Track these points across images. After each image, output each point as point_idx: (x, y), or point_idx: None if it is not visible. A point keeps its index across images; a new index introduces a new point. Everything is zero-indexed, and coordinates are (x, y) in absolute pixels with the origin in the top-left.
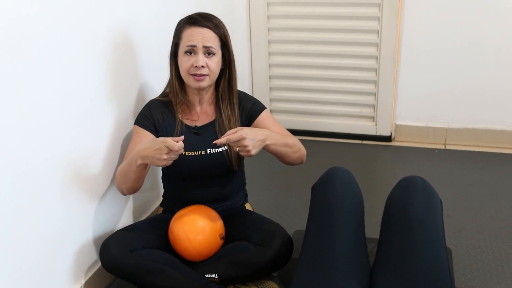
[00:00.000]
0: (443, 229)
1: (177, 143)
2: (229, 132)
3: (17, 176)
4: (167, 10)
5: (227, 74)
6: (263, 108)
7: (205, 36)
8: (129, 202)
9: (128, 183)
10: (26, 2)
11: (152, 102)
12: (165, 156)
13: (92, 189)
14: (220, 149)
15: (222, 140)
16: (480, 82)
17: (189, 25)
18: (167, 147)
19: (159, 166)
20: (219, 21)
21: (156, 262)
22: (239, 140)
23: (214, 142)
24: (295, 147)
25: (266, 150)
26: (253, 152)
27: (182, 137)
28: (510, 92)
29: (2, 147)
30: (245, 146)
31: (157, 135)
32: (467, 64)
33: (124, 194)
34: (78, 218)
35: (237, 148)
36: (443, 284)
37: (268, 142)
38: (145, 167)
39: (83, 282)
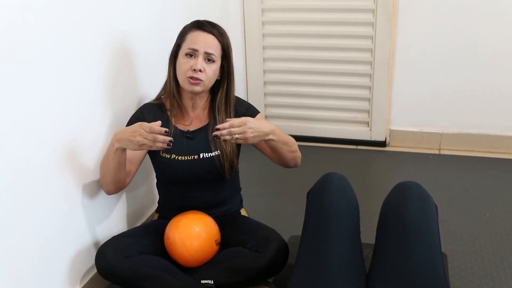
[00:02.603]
0: (438, 234)
1: (156, 125)
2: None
3: (16, 178)
4: (162, 16)
5: (225, 86)
6: (256, 112)
7: (208, 42)
8: (125, 208)
9: (109, 174)
10: (25, 6)
11: (145, 105)
12: (139, 138)
13: (88, 194)
14: (213, 154)
15: (225, 124)
16: (475, 87)
17: (195, 28)
18: (143, 129)
19: (134, 149)
20: (224, 31)
21: (151, 268)
22: (240, 126)
23: (216, 127)
24: (293, 147)
25: (266, 143)
26: (251, 140)
27: (160, 122)
28: (504, 97)
29: (1, 149)
30: (244, 132)
31: None
32: (462, 69)
33: (110, 193)
34: (75, 223)
35: (236, 136)
36: (439, 285)
37: (271, 137)
38: (122, 152)
39: (79, 287)
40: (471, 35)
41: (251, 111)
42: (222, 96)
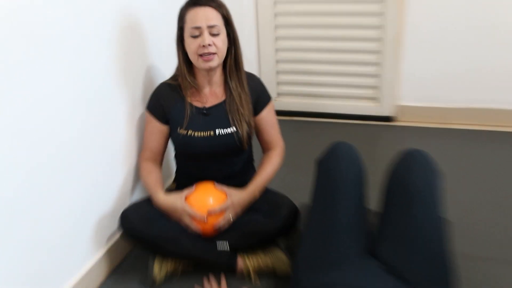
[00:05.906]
0: (442, 201)
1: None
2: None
3: (43, 149)
4: None
5: (232, 52)
6: (269, 98)
7: (208, 16)
8: None
9: None
10: None
11: (161, 87)
12: (186, 218)
13: (111, 166)
14: (230, 130)
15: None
16: (483, 62)
17: (191, 6)
18: (189, 215)
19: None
20: (220, 0)
21: (172, 230)
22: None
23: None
24: (273, 175)
25: None
26: (240, 213)
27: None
28: (510, 73)
29: (24, 130)
30: (233, 214)
31: (167, 121)
32: (471, 45)
33: None
34: (99, 192)
35: (231, 220)
36: (442, 250)
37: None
38: None
39: (104, 250)
40: (481, 11)
41: (266, 97)
42: (232, 62)
